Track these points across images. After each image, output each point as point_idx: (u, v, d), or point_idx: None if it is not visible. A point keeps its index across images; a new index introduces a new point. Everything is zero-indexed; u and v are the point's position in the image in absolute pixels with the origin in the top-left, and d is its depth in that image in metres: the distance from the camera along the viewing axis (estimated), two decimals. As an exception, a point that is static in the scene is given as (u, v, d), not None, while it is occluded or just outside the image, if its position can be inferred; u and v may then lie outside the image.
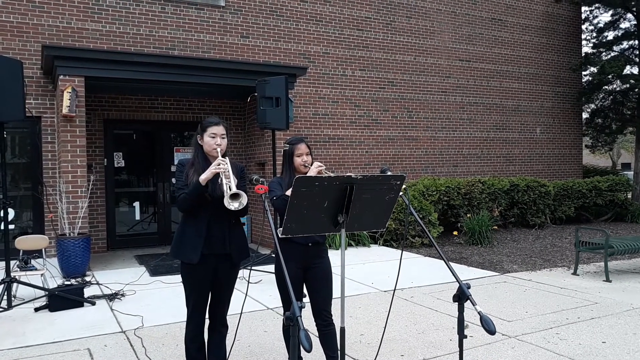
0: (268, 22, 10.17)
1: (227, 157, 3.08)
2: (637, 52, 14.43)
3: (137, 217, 9.58)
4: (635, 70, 14.86)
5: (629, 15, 14.56)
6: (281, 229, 2.69)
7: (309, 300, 3.34)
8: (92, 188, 8.16)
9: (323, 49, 10.71)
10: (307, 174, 3.10)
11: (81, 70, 7.31)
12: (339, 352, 2.98)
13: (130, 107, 9.21)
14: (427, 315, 5.04)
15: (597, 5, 14.64)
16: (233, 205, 2.85)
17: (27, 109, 5.74)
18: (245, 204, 2.89)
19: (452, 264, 6.94)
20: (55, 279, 6.52)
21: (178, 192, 3.10)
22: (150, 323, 4.81)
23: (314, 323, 3.33)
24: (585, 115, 16.01)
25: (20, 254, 5.92)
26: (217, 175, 2.99)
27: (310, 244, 3.25)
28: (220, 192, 2.97)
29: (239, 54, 9.87)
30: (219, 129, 3.13)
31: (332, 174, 2.77)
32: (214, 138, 3.12)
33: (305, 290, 3.43)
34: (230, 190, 2.85)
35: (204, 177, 2.97)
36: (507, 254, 8.43)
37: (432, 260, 7.91)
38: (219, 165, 2.96)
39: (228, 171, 2.95)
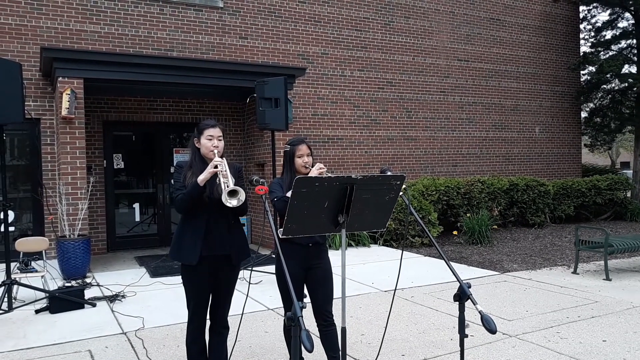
0: (266, 23, 10.18)
1: (224, 158, 3.09)
2: (636, 51, 14.44)
3: (137, 218, 9.57)
4: (633, 69, 14.87)
5: (627, 15, 14.57)
6: (282, 229, 2.69)
7: (309, 301, 3.34)
8: (91, 190, 8.16)
9: (322, 50, 10.71)
10: (308, 176, 3.10)
11: (80, 72, 7.31)
12: (340, 352, 2.98)
13: (129, 109, 9.20)
14: (427, 315, 5.04)
15: (595, 4, 14.65)
16: (231, 203, 2.85)
17: (26, 111, 5.74)
18: (243, 200, 2.89)
19: (452, 264, 6.96)
20: (55, 281, 6.52)
21: (175, 193, 3.10)
22: (151, 324, 4.81)
23: (315, 323, 3.33)
24: (584, 115, 16.02)
25: (21, 256, 5.91)
26: (214, 176, 2.99)
27: (310, 245, 3.25)
28: (218, 193, 2.97)
29: (238, 55, 9.87)
30: (216, 131, 3.14)
31: (332, 175, 2.77)
32: (211, 140, 3.12)
33: (305, 291, 3.43)
34: (227, 187, 2.85)
35: (202, 178, 2.97)
36: (507, 253, 8.44)
37: (432, 260, 7.92)
38: (216, 165, 2.96)
39: (225, 171, 2.96)
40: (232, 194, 2.85)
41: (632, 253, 7.85)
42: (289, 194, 3.06)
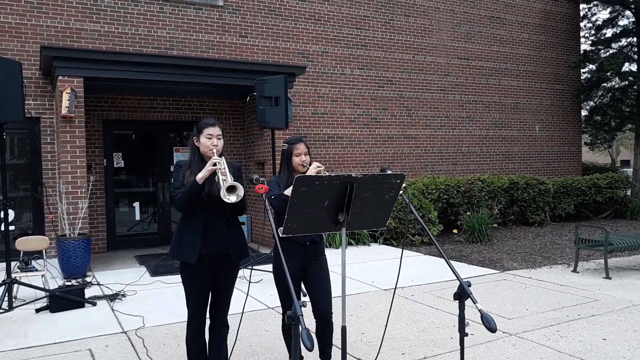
0: (267, 22, 10.17)
1: (223, 157, 3.09)
2: (636, 49, 14.43)
3: (137, 217, 9.58)
4: (634, 67, 14.85)
5: (628, 13, 14.56)
6: (282, 228, 2.69)
7: (309, 300, 3.35)
8: (92, 188, 8.16)
9: (322, 48, 10.70)
10: (306, 174, 3.10)
11: (80, 70, 7.31)
12: (334, 347, 2.98)
13: (129, 108, 9.20)
14: (427, 314, 5.04)
15: (595, 2, 14.64)
16: (230, 199, 2.85)
17: (26, 110, 5.74)
18: (242, 196, 2.90)
19: (452, 262, 6.95)
20: (56, 280, 6.52)
21: (175, 191, 3.10)
22: (151, 323, 4.81)
23: (314, 321, 3.34)
24: (584, 113, 16.01)
25: (21, 255, 5.92)
26: (213, 175, 3.00)
27: (308, 243, 3.27)
28: (217, 191, 2.98)
29: (238, 53, 9.87)
30: (215, 130, 3.14)
31: (332, 174, 2.77)
32: (210, 139, 3.12)
33: (304, 289, 3.43)
34: (226, 183, 2.85)
35: (200, 176, 2.98)
36: (507, 252, 8.44)
37: (432, 259, 7.92)
38: (215, 163, 2.97)
39: (224, 169, 2.97)
40: (231, 190, 2.86)
41: (632, 251, 7.85)
42: (286, 192, 3.07)
